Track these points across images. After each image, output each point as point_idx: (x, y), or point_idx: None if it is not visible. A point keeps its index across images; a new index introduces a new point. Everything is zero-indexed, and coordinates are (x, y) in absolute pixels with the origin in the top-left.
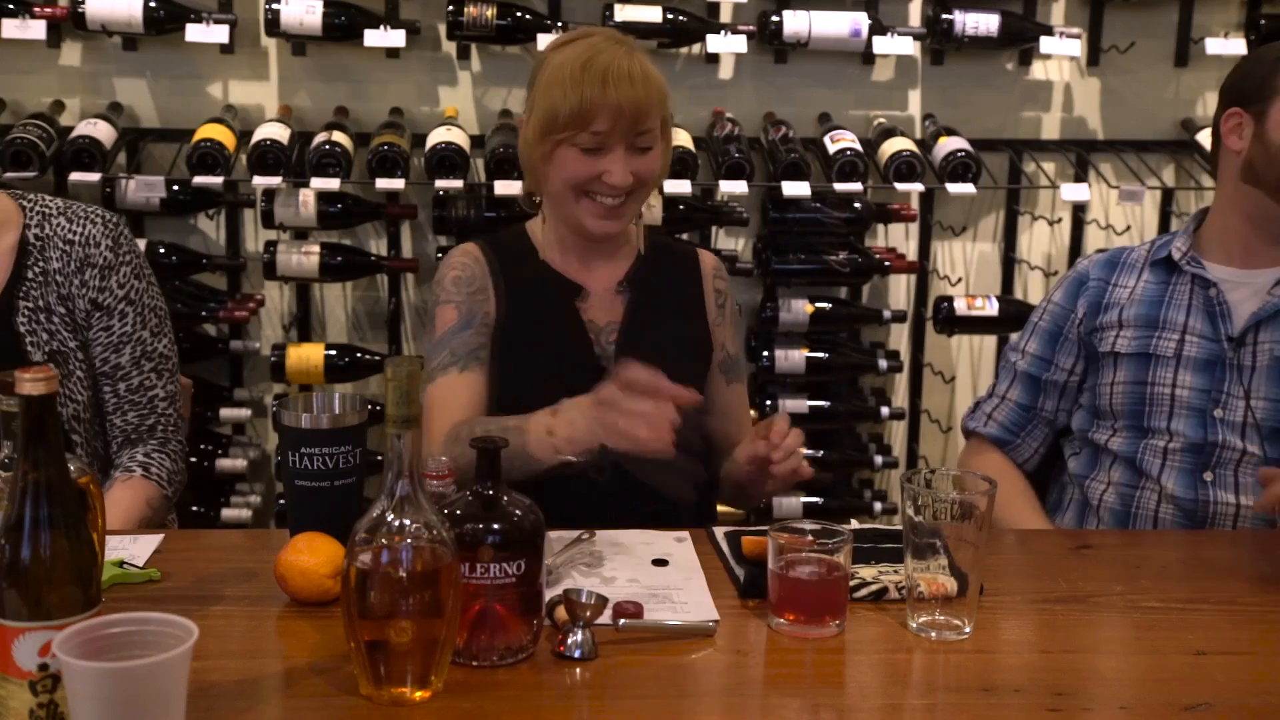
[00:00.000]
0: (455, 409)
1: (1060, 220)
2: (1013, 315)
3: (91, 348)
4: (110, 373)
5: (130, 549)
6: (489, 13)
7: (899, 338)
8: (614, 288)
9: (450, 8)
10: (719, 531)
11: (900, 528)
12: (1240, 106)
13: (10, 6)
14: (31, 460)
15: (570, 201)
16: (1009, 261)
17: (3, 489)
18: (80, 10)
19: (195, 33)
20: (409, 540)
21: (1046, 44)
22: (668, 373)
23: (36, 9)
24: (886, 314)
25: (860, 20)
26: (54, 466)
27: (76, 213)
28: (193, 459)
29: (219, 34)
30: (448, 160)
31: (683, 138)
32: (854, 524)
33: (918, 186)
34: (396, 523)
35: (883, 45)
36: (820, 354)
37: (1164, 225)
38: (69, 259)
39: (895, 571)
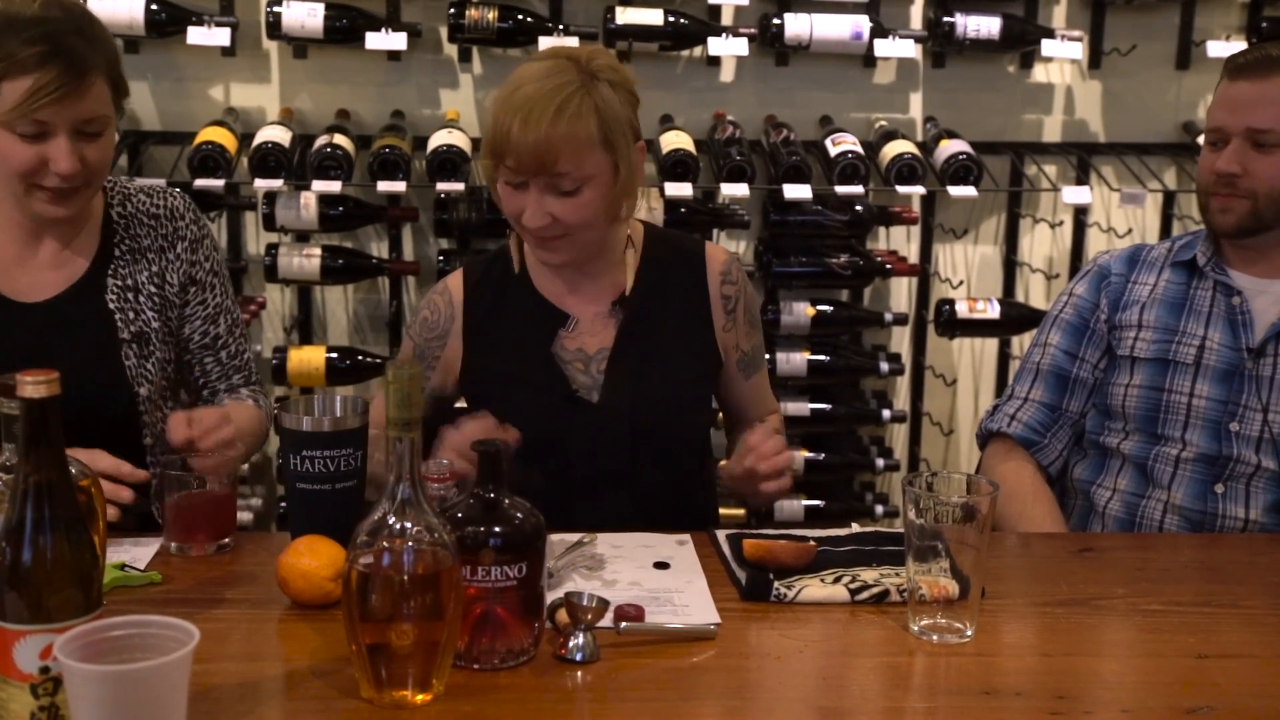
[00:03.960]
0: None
1: (1062, 223)
2: (1014, 318)
3: (190, 321)
4: (211, 344)
5: (132, 552)
6: (490, 15)
7: (900, 340)
8: (606, 310)
9: (452, 10)
10: (720, 534)
11: (902, 530)
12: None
13: None
14: (33, 463)
15: (521, 232)
16: (1010, 264)
17: (4, 491)
18: None
19: (197, 35)
20: (410, 543)
21: (1048, 47)
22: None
23: None
24: (888, 317)
25: (861, 23)
26: (55, 469)
27: (154, 189)
28: None
29: (220, 37)
30: (449, 163)
31: (684, 140)
32: (855, 527)
33: (919, 189)
34: (398, 525)
35: (884, 48)
36: (821, 357)
37: (1166, 228)
38: (157, 234)
39: (897, 574)
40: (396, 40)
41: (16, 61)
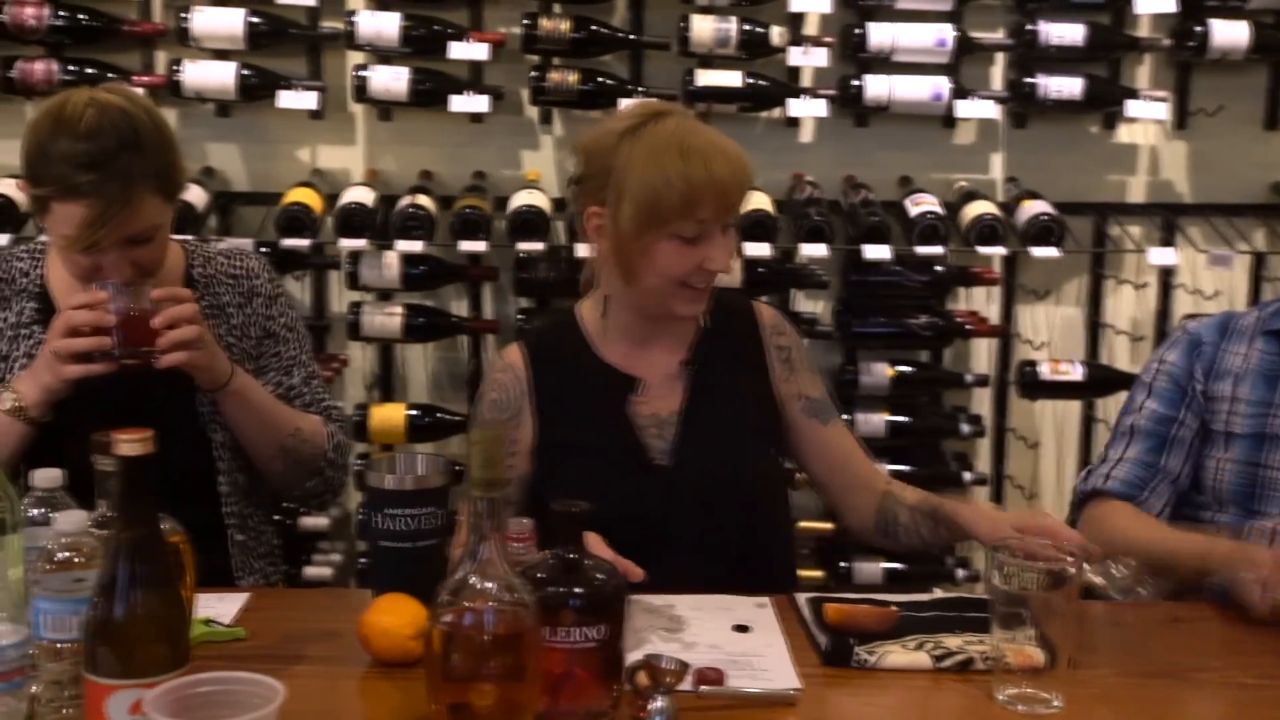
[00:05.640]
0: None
1: (1146, 284)
2: (1099, 380)
3: (264, 374)
4: (285, 394)
5: (217, 607)
6: (571, 78)
7: (981, 402)
8: (675, 371)
9: (533, 74)
10: (801, 598)
11: (985, 596)
12: None
13: (110, 76)
14: (125, 520)
15: (670, 292)
16: (1094, 326)
17: (98, 547)
18: (176, 79)
19: (286, 99)
20: (492, 603)
21: (1132, 107)
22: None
23: (135, 78)
24: (969, 378)
25: (942, 84)
26: (147, 526)
27: (233, 251)
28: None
29: (308, 100)
30: (529, 223)
31: (763, 201)
32: (937, 592)
33: (1000, 250)
34: (479, 585)
35: (964, 109)
36: (901, 418)
37: (1255, 290)
38: (236, 291)
39: (981, 641)
40: (479, 103)
41: (67, 187)
